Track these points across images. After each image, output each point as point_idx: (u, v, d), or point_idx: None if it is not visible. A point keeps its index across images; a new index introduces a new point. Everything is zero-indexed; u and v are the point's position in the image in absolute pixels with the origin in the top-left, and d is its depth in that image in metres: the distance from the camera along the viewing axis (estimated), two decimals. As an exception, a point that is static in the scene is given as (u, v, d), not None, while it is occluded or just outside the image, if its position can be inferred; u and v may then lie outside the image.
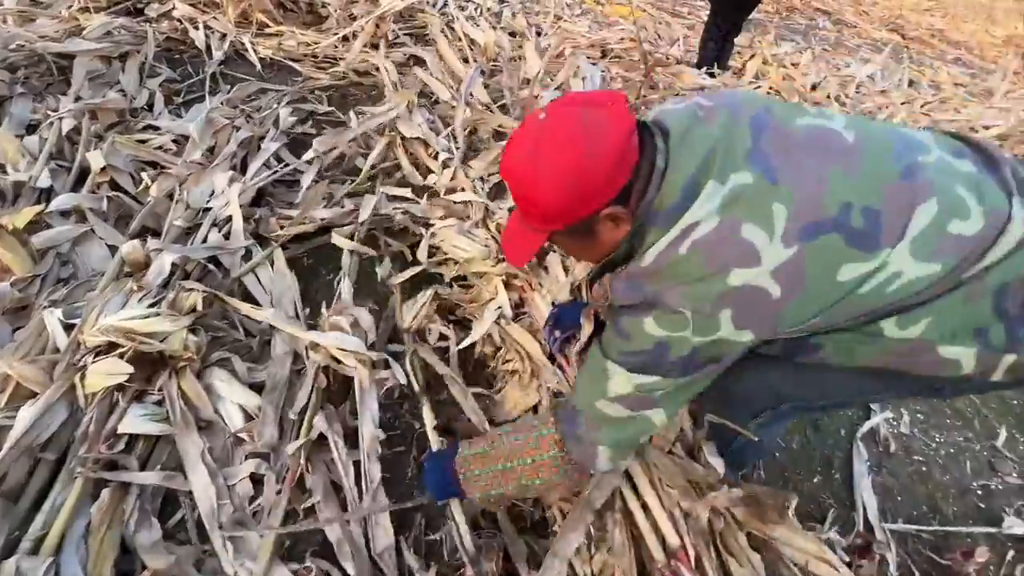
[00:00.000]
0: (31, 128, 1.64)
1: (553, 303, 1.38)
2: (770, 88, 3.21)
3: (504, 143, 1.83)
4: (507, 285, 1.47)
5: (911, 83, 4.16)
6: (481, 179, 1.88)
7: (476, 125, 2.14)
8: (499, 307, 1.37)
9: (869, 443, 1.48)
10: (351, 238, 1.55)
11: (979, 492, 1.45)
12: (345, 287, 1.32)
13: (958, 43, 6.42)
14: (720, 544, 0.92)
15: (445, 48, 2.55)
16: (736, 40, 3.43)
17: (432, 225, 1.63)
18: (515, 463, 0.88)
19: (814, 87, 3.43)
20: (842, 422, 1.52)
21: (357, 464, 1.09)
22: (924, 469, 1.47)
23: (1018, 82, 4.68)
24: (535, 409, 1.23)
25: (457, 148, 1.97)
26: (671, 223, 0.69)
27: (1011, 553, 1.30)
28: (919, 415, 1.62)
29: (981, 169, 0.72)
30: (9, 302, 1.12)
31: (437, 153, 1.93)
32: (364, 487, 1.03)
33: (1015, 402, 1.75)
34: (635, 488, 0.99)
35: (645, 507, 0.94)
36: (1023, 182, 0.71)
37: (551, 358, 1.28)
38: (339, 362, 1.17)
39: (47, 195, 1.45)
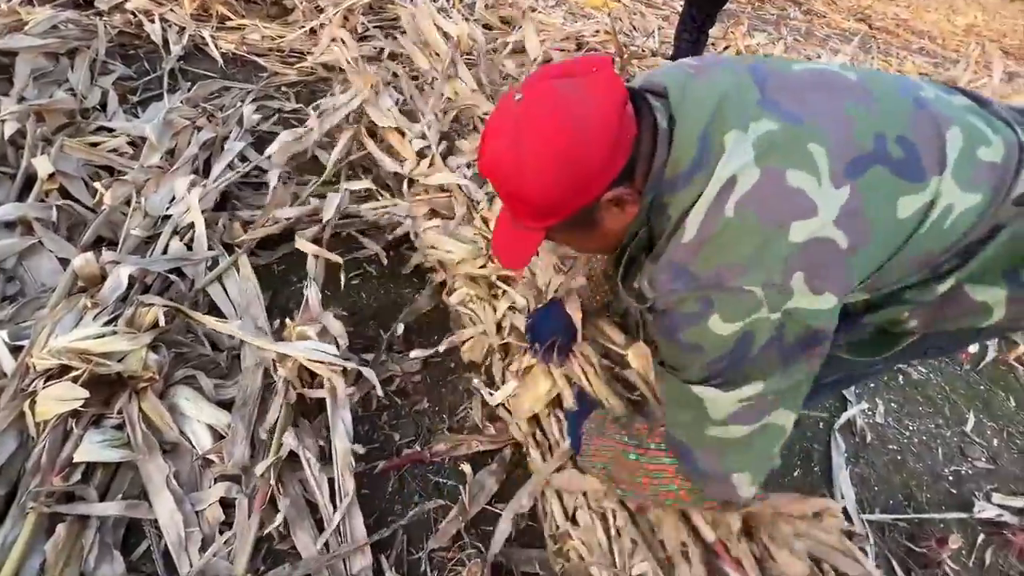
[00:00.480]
0: (-30, 132, 1.53)
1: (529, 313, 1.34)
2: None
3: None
4: (504, 280, 1.44)
5: (879, 73, 4.25)
6: (468, 165, 1.78)
7: (460, 111, 2.03)
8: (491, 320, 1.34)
9: (847, 434, 1.51)
10: (318, 241, 1.48)
11: (950, 478, 1.49)
12: (312, 294, 1.26)
13: (922, 32, 6.59)
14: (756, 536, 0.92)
15: (428, 27, 2.41)
16: (710, 31, 3.43)
17: (415, 221, 1.59)
18: (639, 477, 0.82)
19: (787, 78, 3.47)
20: (820, 415, 1.54)
21: (333, 481, 1.05)
22: (899, 458, 1.50)
23: (979, 71, 4.83)
24: (558, 400, 1.18)
25: (432, 126, 1.86)
26: (696, 184, 0.61)
27: (981, 537, 1.34)
28: (893, 404, 1.66)
29: (974, 103, 0.70)
30: (-52, 325, 1.04)
31: (413, 140, 1.83)
32: (338, 504, 0.99)
33: (982, 387, 1.81)
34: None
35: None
36: (1014, 116, 0.69)
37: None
38: (312, 375, 1.13)
39: (-10, 205, 1.35)
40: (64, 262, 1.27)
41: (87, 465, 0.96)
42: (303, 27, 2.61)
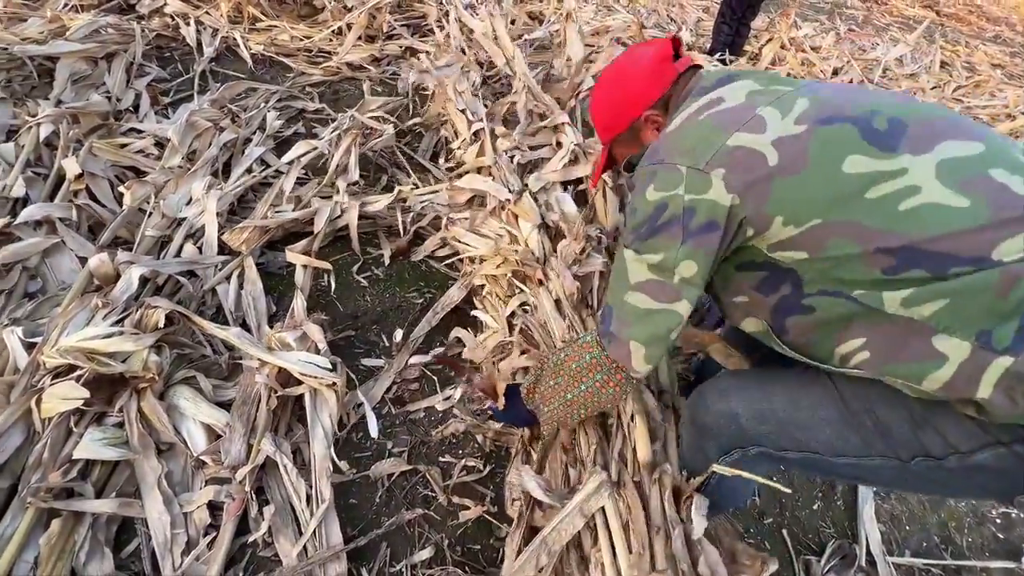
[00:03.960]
0: (12, 134, 1.62)
1: None
2: (788, 75, 3.03)
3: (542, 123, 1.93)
4: (521, 279, 1.41)
5: (943, 65, 3.90)
6: (512, 153, 1.77)
7: (513, 104, 2.03)
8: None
9: (877, 466, 1.38)
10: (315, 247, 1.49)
11: (998, 521, 1.34)
12: (299, 304, 1.27)
13: (998, 19, 6.02)
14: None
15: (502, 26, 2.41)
16: (753, 23, 3.25)
17: (448, 215, 1.61)
18: (562, 377, 0.92)
19: (835, 72, 3.24)
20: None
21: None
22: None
23: (1064, 61, 4.35)
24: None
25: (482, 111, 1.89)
26: (696, 99, 0.78)
27: (1031, 591, 1.20)
28: (935, 434, 1.51)
29: None
30: (-29, 320, 1.10)
31: (473, 123, 1.84)
32: (313, 510, 0.99)
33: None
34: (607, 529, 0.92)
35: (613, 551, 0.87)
36: None
37: None
38: (298, 382, 1.13)
39: (23, 204, 1.42)
40: (84, 261, 1.32)
41: (86, 462, 1.00)
42: (331, 27, 2.64)
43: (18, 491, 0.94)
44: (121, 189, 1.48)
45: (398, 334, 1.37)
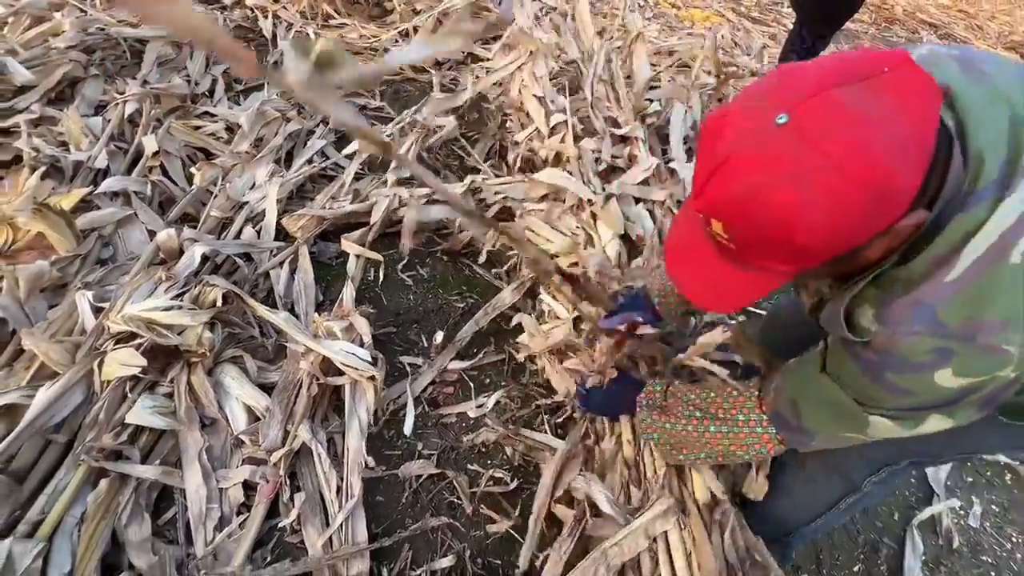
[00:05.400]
0: (101, 109, 1.73)
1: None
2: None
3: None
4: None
5: (1027, 111, 3.67)
6: (596, 157, 1.72)
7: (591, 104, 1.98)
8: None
9: (927, 533, 1.29)
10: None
11: (1060, 609, 1.23)
12: (348, 294, 1.30)
13: (1092, 67, 5.63)
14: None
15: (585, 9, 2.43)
16: (822, 54, 3.15)
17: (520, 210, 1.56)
18: (718, 449, 0.82)
19: (908, 110, 3.09)
20: (896, 504, 1.33)
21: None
22: (993, 574, 1.26)
23: None
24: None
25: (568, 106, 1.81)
26: (986, 208, 0.49)
27: None
28: (994, 506, 1.40)
29: None
30: (48, 280, 1.17)
31: (554, 114, 1.79)
32: (342, 503, 1.00)
33: (1120, 504, 1.48)
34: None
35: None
36: None
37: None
38: (340, 372, 1.14)
39: (104, 175, 1.51)
40: (153, 234, 1.39)
41: (136, 427, 1.04)
42: (398, 28, 2.71)
43: (73, 447, 0.99)
44: (193, 169, 1.56)
45: (438, 336, 1.38)
